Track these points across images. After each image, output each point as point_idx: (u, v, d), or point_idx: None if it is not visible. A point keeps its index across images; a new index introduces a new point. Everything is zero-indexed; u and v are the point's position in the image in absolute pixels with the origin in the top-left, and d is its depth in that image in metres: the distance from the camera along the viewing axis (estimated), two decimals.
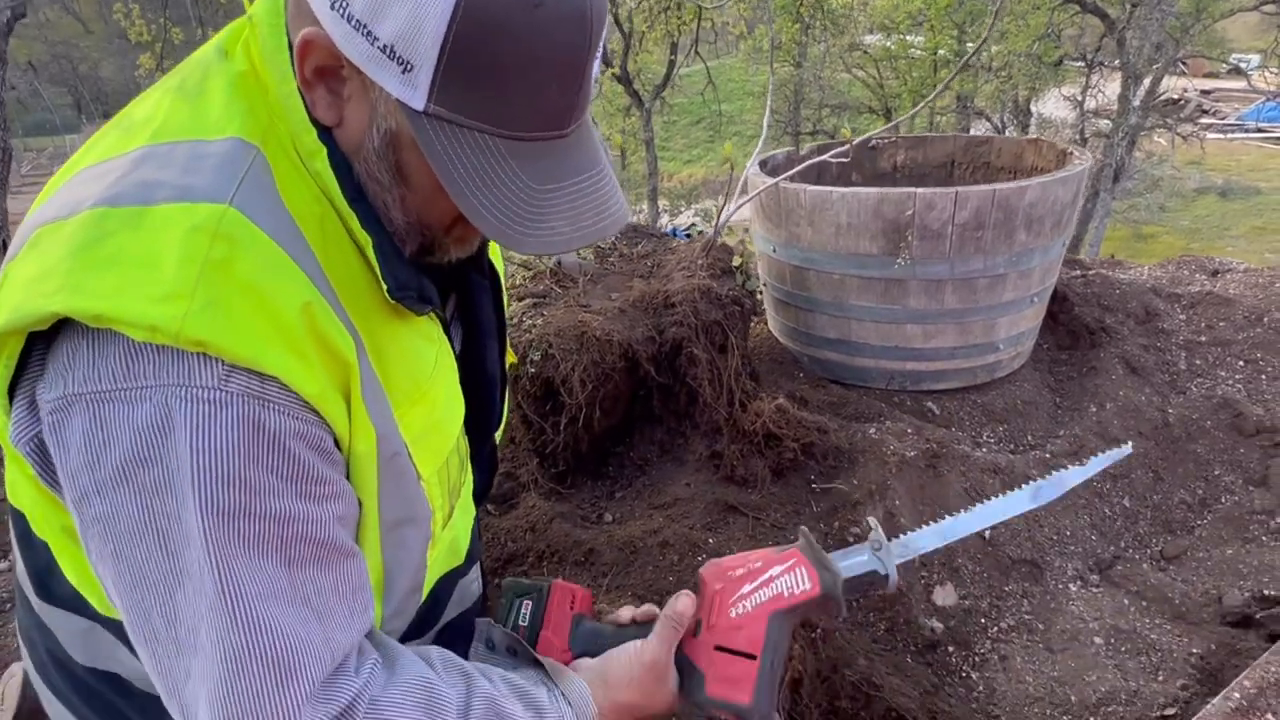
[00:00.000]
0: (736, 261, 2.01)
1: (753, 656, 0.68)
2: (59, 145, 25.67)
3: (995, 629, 1.60)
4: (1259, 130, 22.07)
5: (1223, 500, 1.93)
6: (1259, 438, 2.02)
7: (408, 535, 0.65)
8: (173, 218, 0.53)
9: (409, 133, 0.55)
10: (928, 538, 0.78)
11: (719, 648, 0.70)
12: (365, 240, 0.58)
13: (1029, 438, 2.09)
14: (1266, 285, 2.66)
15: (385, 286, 0.59)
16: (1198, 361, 2.33)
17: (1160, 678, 1.44)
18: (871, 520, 0.89)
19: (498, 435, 0.82)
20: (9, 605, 1.75)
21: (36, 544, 0.63)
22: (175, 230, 0.52)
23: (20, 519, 0.64)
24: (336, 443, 0.57)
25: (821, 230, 2.01)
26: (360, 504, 0.60)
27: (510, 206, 0.55)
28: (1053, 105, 15.87)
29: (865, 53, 16.26)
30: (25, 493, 0.61)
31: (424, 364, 0.64)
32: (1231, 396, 2.13)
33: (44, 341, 0.53)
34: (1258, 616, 1.53)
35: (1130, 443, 0.92)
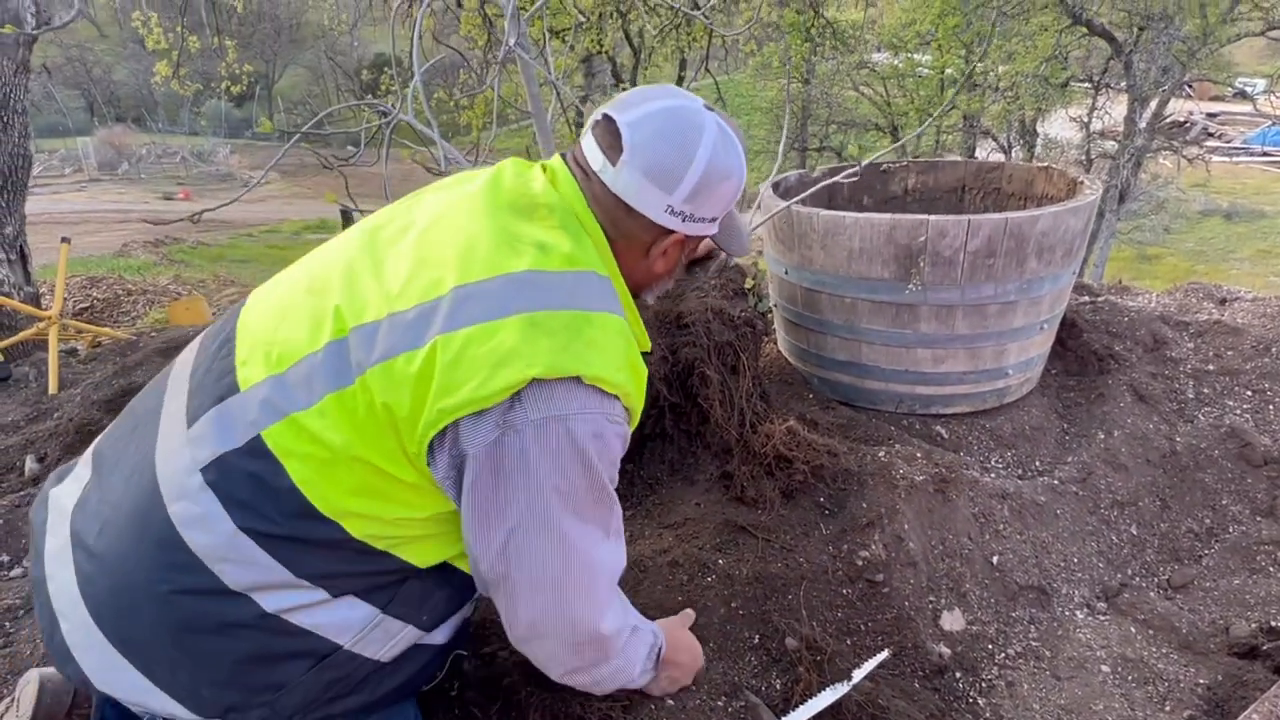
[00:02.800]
0: (749, 283, 2.01)
1: None
2: (70, 147, 25.83)
3: (1002, 655, 1.60)
4: (1264, 154, 22.12)
5: (1230, 530, 1.94)
6: (1267, 468, 2.03)
7: None
8: (610, 323, 1.01)
9: (698, 243, 1.19)
10: None
11: None
12: (639, 322, 1.14)
13: (1037, 463, 2.10)
14: (1275, 315, 2.67)
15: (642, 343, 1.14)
16: (1205, 390, 2.34)
17: (1167, 708, 1.45)
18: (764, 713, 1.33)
19: None
20: (22, 611, 1.77)
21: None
22: (613, 331, 1.00)
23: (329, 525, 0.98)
24: None
25: (834, 254, 2.03)
26: None
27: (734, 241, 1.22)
28: (1059, 126, 15.94)
29: (873, 71, 16.35)
30: (394, 497, 1.00)
31: None
32: (1239, 426, 2.14)
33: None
34: (1265, 648, 1.54)
35: (888, 650, 1.46)
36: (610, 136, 1.05)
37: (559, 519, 0.97)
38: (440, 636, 1.18)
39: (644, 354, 1.12)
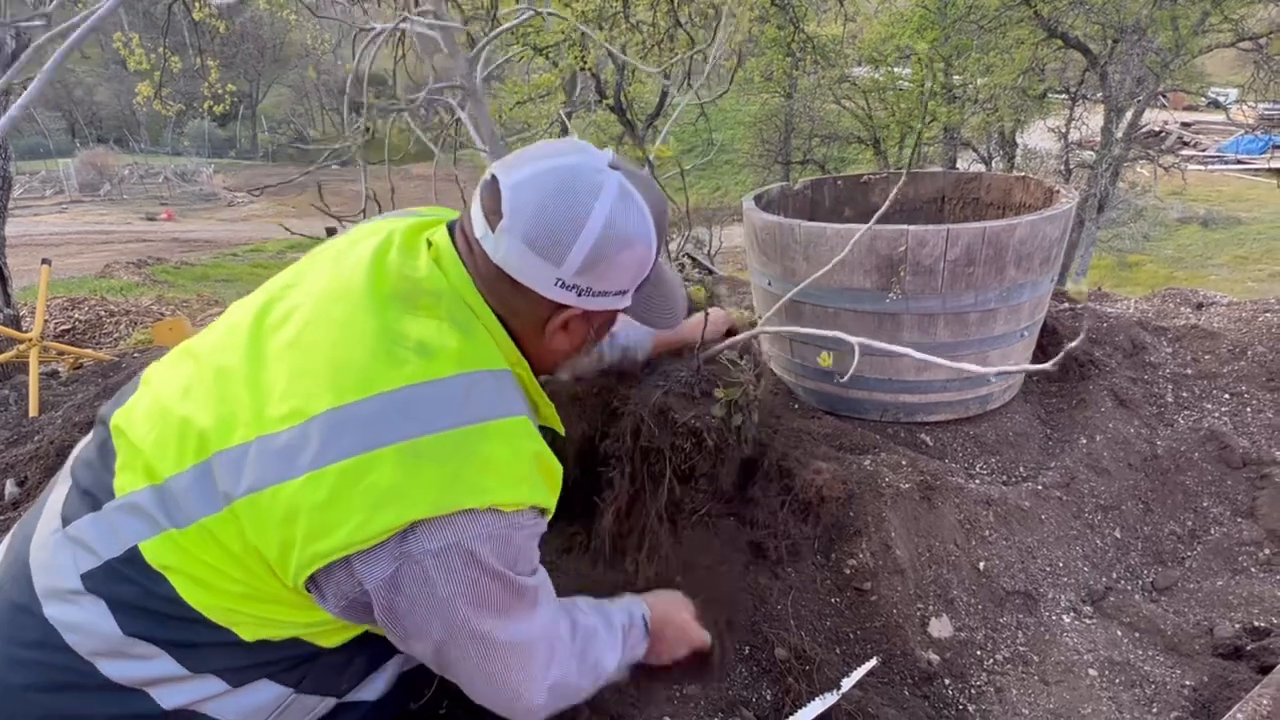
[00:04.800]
0: (722, 392, 1.51)
1: None
2: (52, 169, 25.66)
3: (991, 661, 1.61)
4: (1238, 161, 22.55)
5: (1212, 531, 1.96)
6: (1246, 470, 2.06)
7: None
8: (508, 429, 0.91)
9: (609, 318, 1.08)
10: None
11: None
12: (549, 405, 1.10)
13: (1021, 469, 2.12)
14: (1250, 319, 2.71)
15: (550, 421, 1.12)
16: (1184, 394, 2.37)
17: (1154, 710, 1.46)
18: None
19: None
20: None
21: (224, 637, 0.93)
22: (512, 438, 0.91)
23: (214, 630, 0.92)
24: None
25: (816, 265, 2.05)
26: None
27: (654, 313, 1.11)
28: (1038, 137, 16.19)
29: (854, 84, 16.57)
30: (284, 619, 0.93)
31: None
32: (1218, 429, 2.17)
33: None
34: (1248, 648, 1.55)
35: (876, 658, 1.46)
36: (493, 199, 0.93)
37: (481, 626, 0.90)
38: (369, 694, 1.11)
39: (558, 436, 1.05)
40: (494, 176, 0.95)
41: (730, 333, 1.72)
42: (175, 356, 1.03)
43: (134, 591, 0.88)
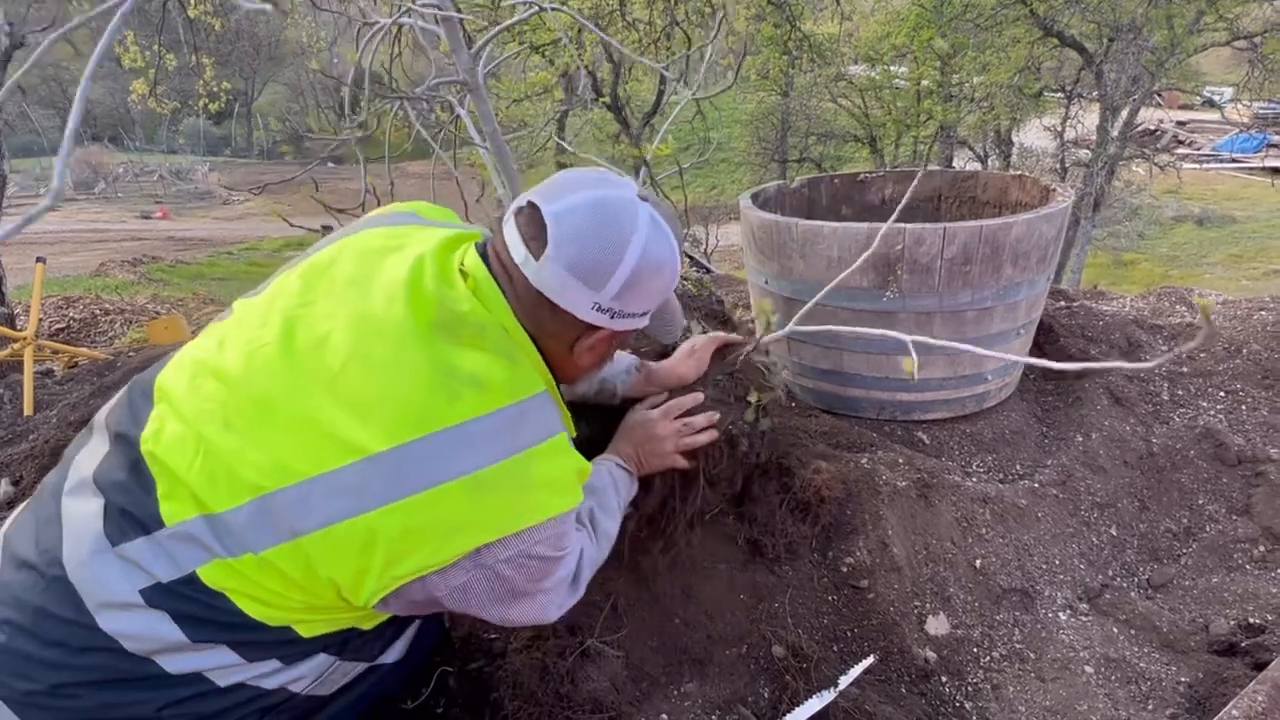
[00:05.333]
0: (754, 397, 1.57)
1: None
2: (46, 167, 25.55)
3: (987, 658, 1.61)
4: (1233, 160, 22.61)
5: (1207, 529, 1.96)
6: (1241, 467, 2.06)
7: None
8: (553, 449, 0.98)
9: (628, 335, 1.12)
10: None
11: None
12: (565, 411, 1.12)
13: (1017, 467, 2.12)
14: (1245, 317, 2.72)
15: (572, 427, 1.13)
16: (1180, 392, 2.38)
17: (1150, 707, 1.47)
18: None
19: None
20: None
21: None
22: (556, 454, 0.99)
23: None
24: None
25: (813, 263, 2.05)
26: None
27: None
28: (1033, 135, 16.21)
29: (850, 83, 16.58)
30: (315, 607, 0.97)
31: None
32: (1213, 426, 2.17)
33: None
34: (1243, 645, 1.56)
35: (873, 656, 1.46)
36: (534, 227, 0.98)
37: (535, 588, 1.02)
38: (392, 656, 1.19)
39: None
40: (532, 204, 0.99)
41: (726, 348, 1.67)
42: (193, 370, 1.00)
43: (196, 607, 0.92)
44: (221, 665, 0.95)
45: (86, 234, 17.46)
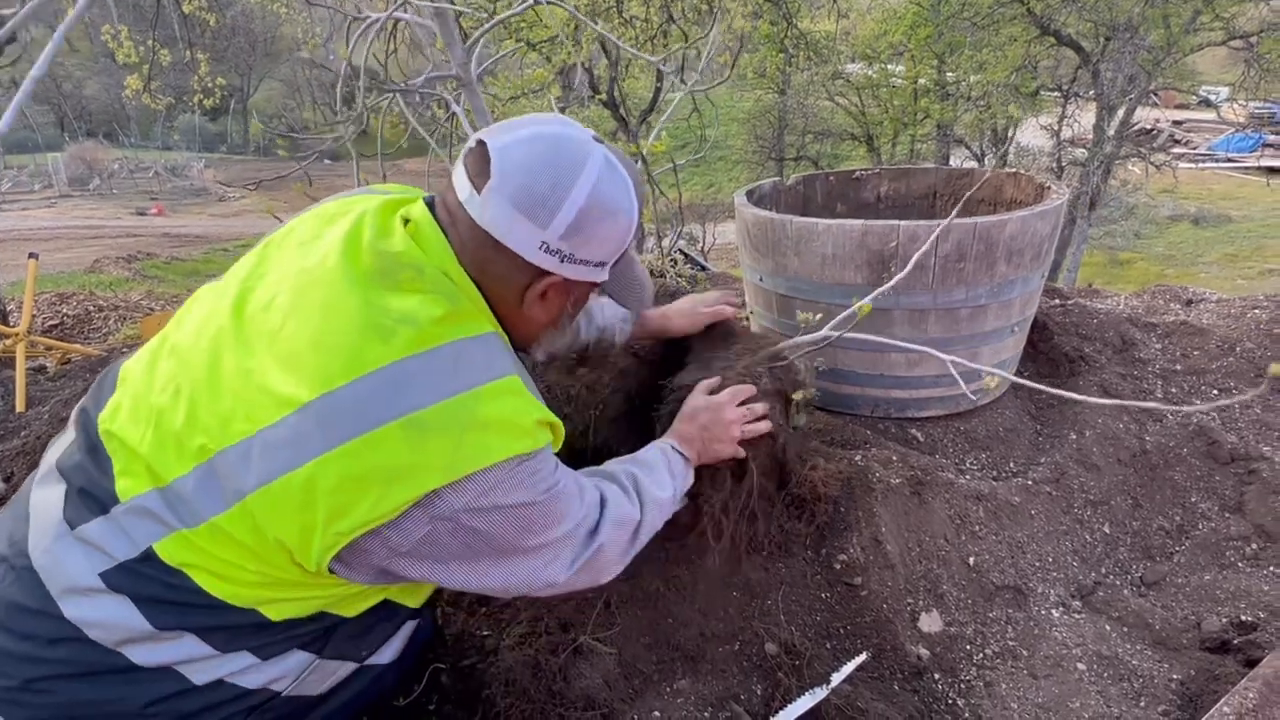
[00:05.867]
0: (799, 395, 1.62)
1: None
2: (40, 163, 25.45)
3: (980, 655, 1.61)
4: (1229, 160, 22.68)
5: (1200, 527, 1.97)
6: (1233, 465, 2.07)
7: None
8: (501, 388, 0.93)
9: (586, 291, 1.09)
10: None
11: None
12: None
13: (1011, 464, 2.12)
14: (1238, 315, 2.73)
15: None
16: (1173, 390, 2.38)
17: (1142, 704, 1.47)
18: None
19: None
20: None
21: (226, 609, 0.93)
22: (506, 395, 0.93)
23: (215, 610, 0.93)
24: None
25: (808, 260, 2.05)
26: None
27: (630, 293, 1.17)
28: (1030, 134, 16.24)
29: (848, 81, 16.58)
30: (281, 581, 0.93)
31: None
32: (1207, 424, 2.18)
33: None
34: (1235, 642, 1.56)
35: (866, 653, 1.45)
36: (480, 163, 0.95)
37: (522, 543, 0.96)
38: (385, 657, 1.17)
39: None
40: (480, 141, 0.96)
41: (722, 324, 1.73)
42: (152, 352, 1.02)
43: (156, 587, 0.90)
44: (192, 657, 0.93)
45: (81, 230, 17.40)
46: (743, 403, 1.42)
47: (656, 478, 1.23)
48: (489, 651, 1.43)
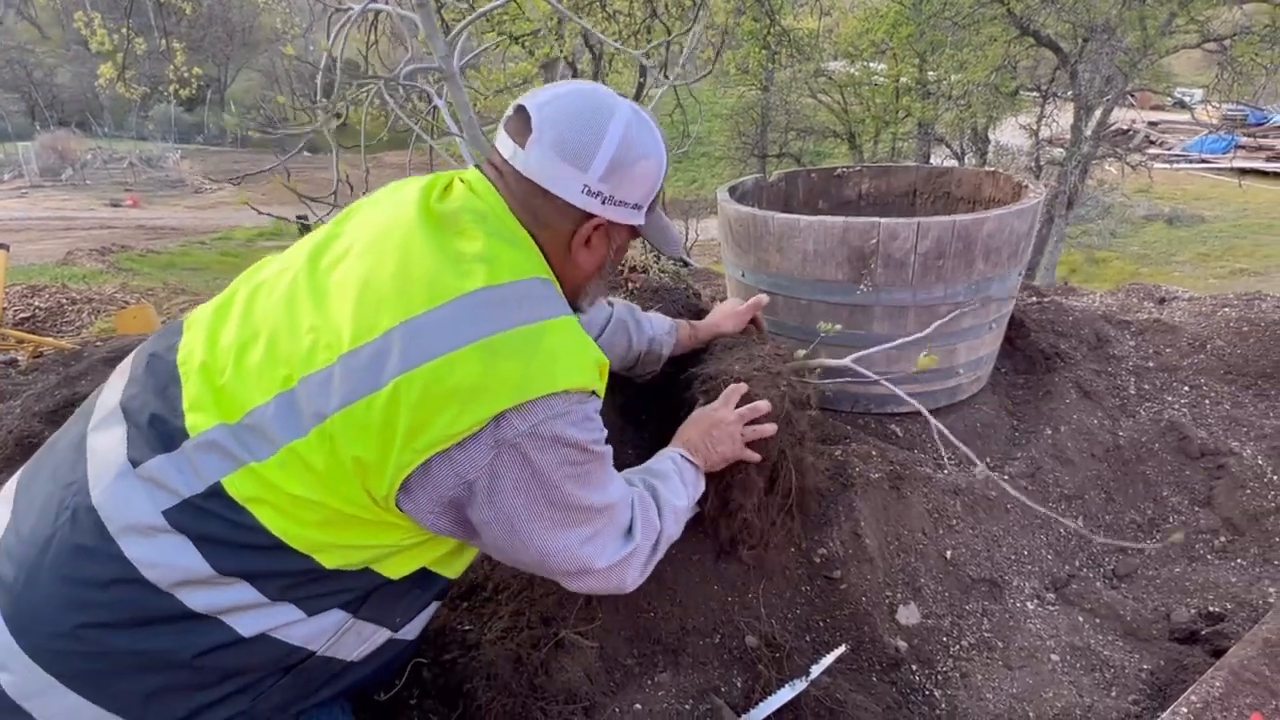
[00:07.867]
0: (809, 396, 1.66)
1: None
2: (10, 152, 24.92)
3: (957, 647, 1.64)
4: (1203, 161, 23.04)
5: (1171, 520, 2.01)
6: (1203, 460, 2.11)
7: None
8: (562, 326, 1.01)
9: (626, 238, 1.19)
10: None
11: None
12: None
13: (988, 459, 2.15)
14: (1209, 313, 2.78)
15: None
16: (1146, 386, 2.43)
17: (1113, 693, 1.50)
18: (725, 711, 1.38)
19: None
20: None
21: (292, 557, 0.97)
22: (567, 333, 1.01)
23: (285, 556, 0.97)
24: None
25: (789, 257, 2.06)
26: None
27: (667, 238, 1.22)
28: (1009, 133, 16.40)
29: (830, 79, 16.65)
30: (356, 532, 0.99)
31: None
32: (1178, 420, 2.22)
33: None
34: (1203, 633, 1.60)
35: (845, 645, 1.50)
36: (520, 123, 1.05)
37: (576, 493, 1.02)
38: (411, 633, 1.20)
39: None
40: (519, 106, 1.06)
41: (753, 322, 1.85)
42: (224, 300, 1.08)
43: (217, 526, 0.93)
44: (242, 604, 0.95)
45: (53, 221, 17.07)
46: (743, 402, 1.46)
47: (671, 487, 1.28)
48: (471, 646, 1.43)
